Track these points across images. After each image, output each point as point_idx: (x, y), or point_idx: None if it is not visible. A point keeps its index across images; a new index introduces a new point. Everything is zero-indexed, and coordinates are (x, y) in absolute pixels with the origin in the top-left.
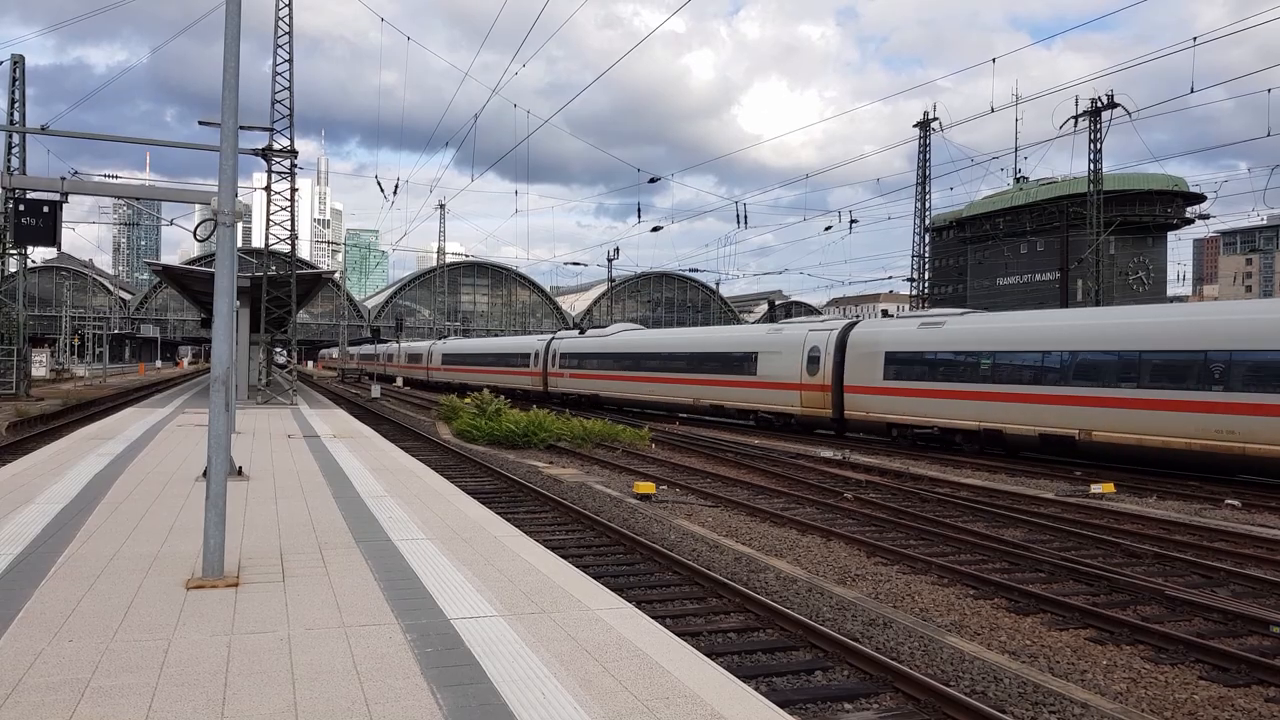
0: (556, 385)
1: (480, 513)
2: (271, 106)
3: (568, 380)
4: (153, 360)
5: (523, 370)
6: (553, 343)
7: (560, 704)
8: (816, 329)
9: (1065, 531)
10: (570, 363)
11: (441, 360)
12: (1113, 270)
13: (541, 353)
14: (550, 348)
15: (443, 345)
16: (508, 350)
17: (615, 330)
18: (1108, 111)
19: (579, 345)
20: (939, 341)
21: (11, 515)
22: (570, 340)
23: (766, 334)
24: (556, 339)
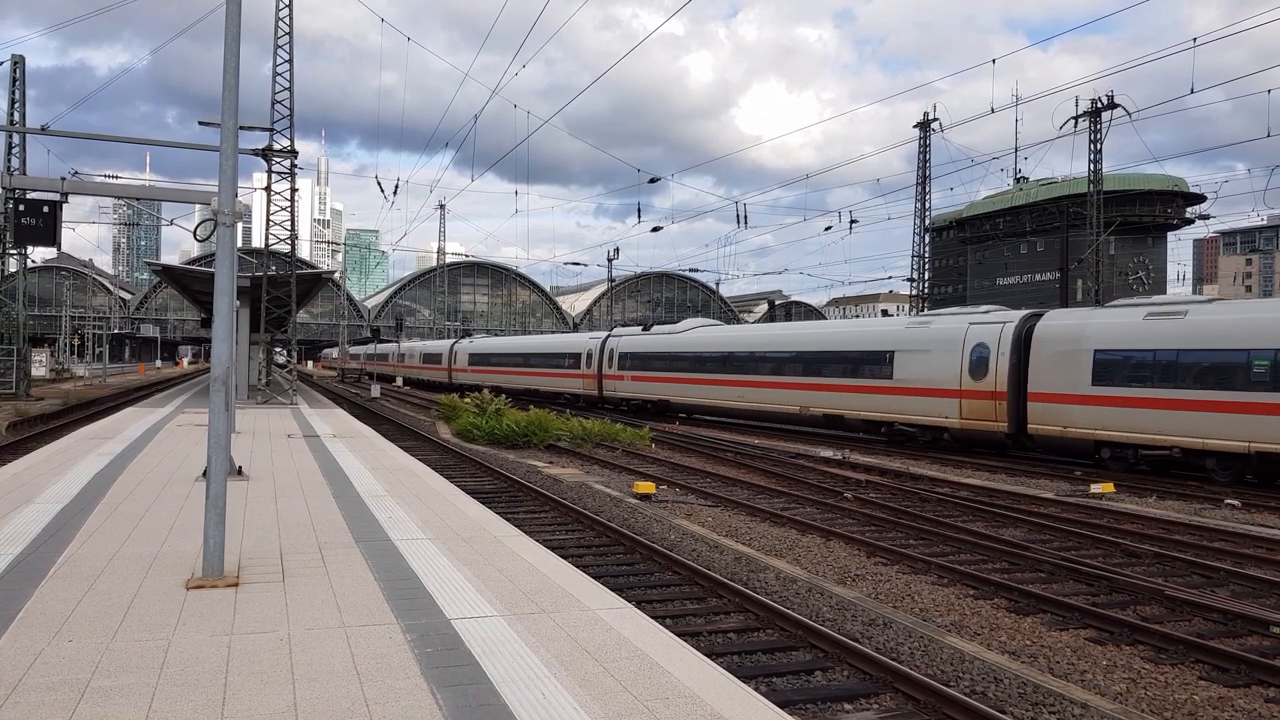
0: (614, 389)
1: (480, 512)
2: (271, 107)
3: (629, 384)
4: (153, 360)
5: (571, 372)
6: (609, 341)
7: (560, 704)
8: (981, 321)
9: (1065, 531)
10: (632, 363)
11: (468, 361)
12: (1113, 270)
13: (595, 352)
14: (606, 347)
15: (469, 344)
16: (552, 349)
17: (690, 326)
18: (1108, 112)
19: (644, 344)
20: (1178, 336)
21: (11, 515)
22: (633, 338)
23: (906, 329)
24: (614, 336)
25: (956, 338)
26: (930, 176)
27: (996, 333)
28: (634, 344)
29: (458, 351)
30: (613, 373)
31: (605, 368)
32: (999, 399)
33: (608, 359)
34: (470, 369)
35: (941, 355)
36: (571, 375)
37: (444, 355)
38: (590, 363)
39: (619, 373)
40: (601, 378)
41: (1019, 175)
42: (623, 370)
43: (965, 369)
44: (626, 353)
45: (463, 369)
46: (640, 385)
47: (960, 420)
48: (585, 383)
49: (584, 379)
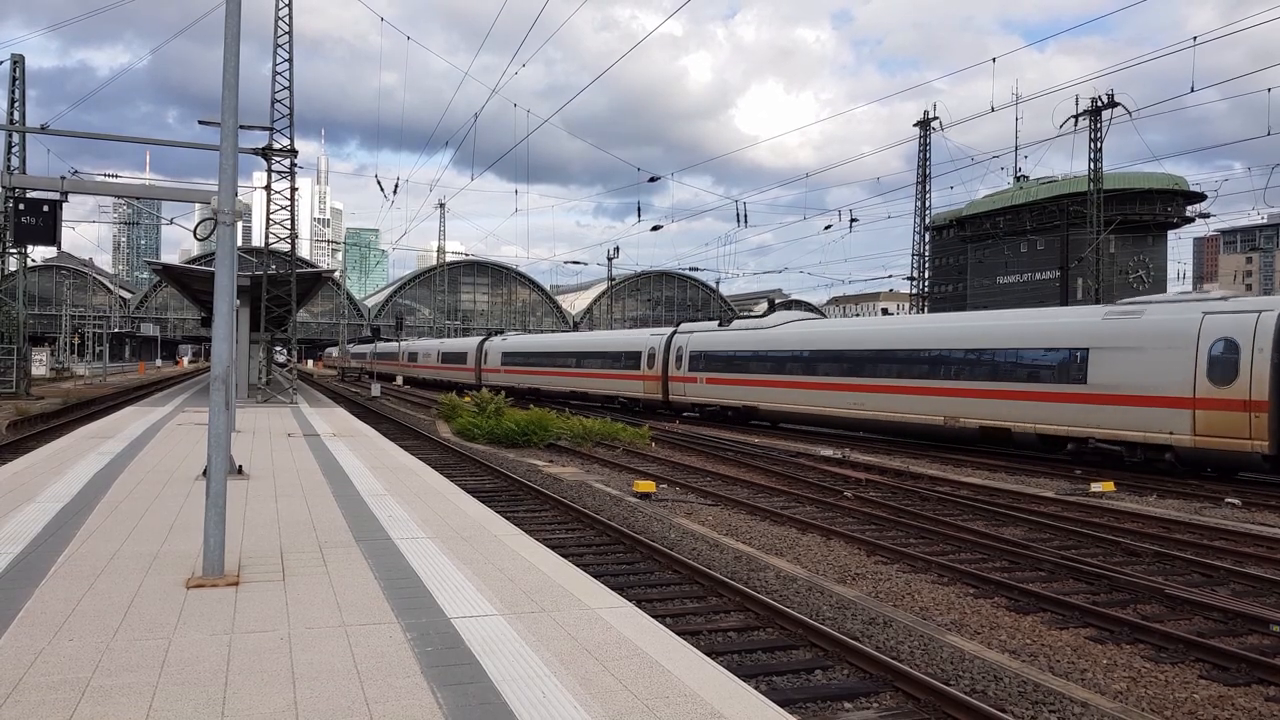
0: (683, 393)
1: (480, 511)
2: (271, 106)
3: (702, 387)
4: (153, 359)
5: (629, 374)
6: (676, 338)
7: (560, 703)
8: (1223, 310)
9: (1065, 530)
10: (708, 364)
11: (501, 360)
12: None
13: (658, 351)
14: (673, 345)
15: (501, 342)
16: (605, 348)
17: (783, 320)
18: (1108, 111)
19: (723, 341)
20: None
21: (11, 514)
22: (707, 334)
23: (1104, 320)
24: (682, 333)
25: (1186, 331)
26: (930, 175)
27: (1250, 324)
28: (709, 341)
29: (488, 350)
30: (682, 374)
31: (672, 368)
32: (1256, 410)
33: (674, 358)
34: (503, 369)
35: (1162, 354)
36: (629, 377)
37: (470, 354)
38: (653, 363)
39: (689, 374)
40: (667, 380)
41: (1019, 174)
42: (694, 371)
43: (1201, 371)
44: (700, 351)
45: (494, 369)
46: (718, 389)
47: (1193, 437)
48: (647, 385)
49: (645, 381)
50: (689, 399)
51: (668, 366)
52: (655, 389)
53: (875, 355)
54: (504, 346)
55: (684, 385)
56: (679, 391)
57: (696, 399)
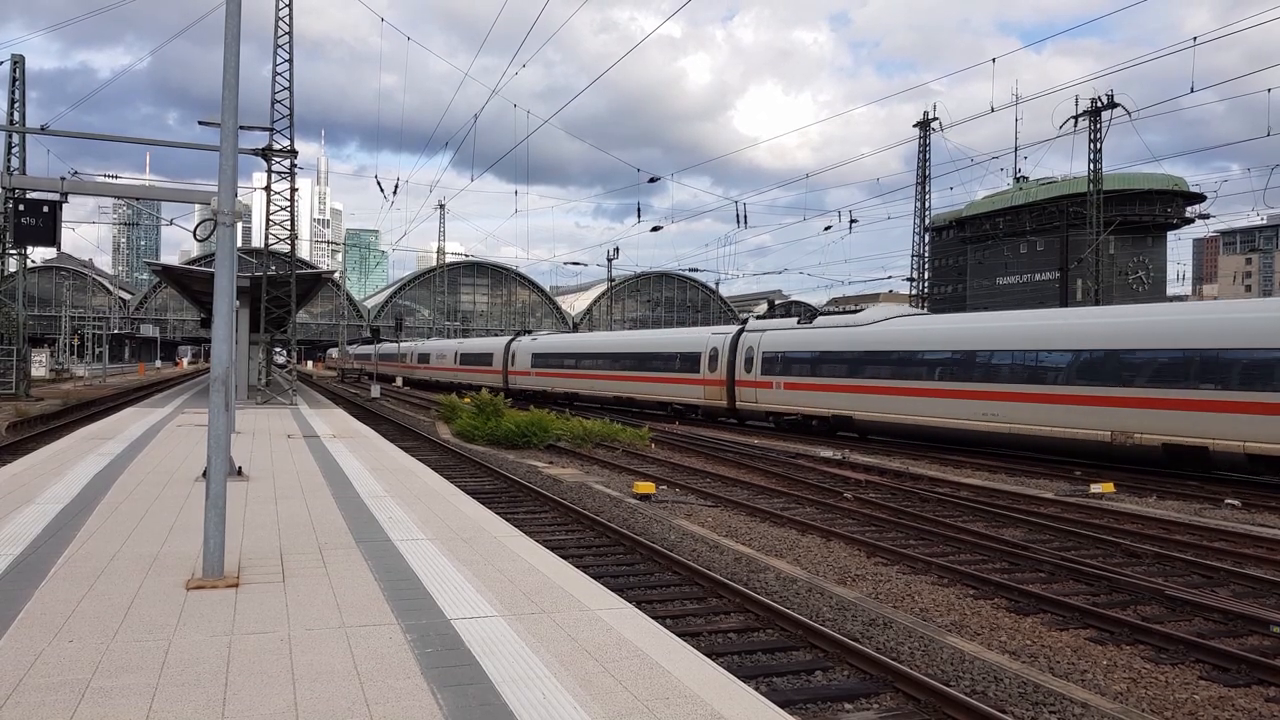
0: (754, 400)
1: (480, 513)
2: (271, 107)
3: (779, 394)
4: (152, 360)
5: (686, 377)
6: (745, 337)
7: (560, 704)
8: None
9: (1065, 531)
10: (785, 366)
11: (531, 362)
12: (1112, 270)
13: (723, 351)
14: (741, 345)
15: (531, 342)
16: (657, 348)
17: (881, 316)
18: (1107, 111)
19: (805, 341)
20: None
21: (11, 515)
22: (784, 333)
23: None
24: (752, 331)
25: None
26: (930, 176)
27: None
28: (788, 341)
29: (516, 351)
30: (752, 378)
31: (739, 371)
32: None
33: (743, 360)
34: (534, 372)
35: None
36: (686, 381)
37: (496, 356)
38: (715, 365)
39: (763, 378)
40: (735, 384)
41: (1019, 175)
42: (768, 375)
43: None
44: (776, 353)
45: (523, 372)
46: (800, 396)
47: None
48: (708, 391)
49: (706, 386)
50: (761, 406)
51: (734, 369)
52: (718, 395)
53: (1018, 356)
54: (535, 347)
55: (755, 391)
56: (748, 398)
57: (771, 406)
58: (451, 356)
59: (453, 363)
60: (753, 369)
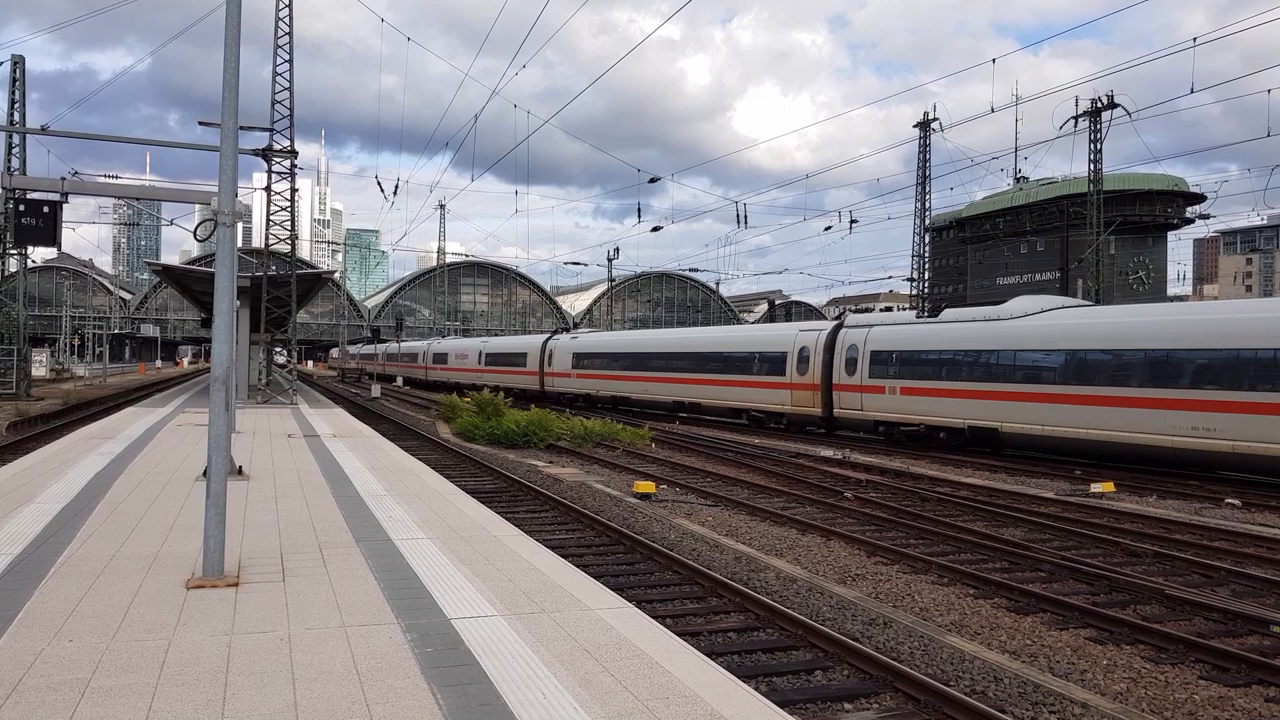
0: (861, 406)
1: (480, 512)
2: (271, 107)
3: (896, 400)
4: (153, 360)
5: (769, 380)
6: (845, 334)
7: (560, 704)
8: None
9: (1065, 531)
10: (907, 369)
11: (572, 363)
12: (1113, 270)
13: (815, 350)
14: (841, 343)
15: (572, 341)
16: (730, 347)
17: (1037, 308)
18: (1108, 112)
19: (937, 338)
20: None
21: (11, 515)
22: (905, 329)
23: None
24: (854, 328)
25: None
26: (930, 176)
27: None
28: (905, 338)
29: (554, 350)
30: (855, 382)
31: (839, 373)
32: None
33: (842, 361)
34: (575, 374)
35: None
36: (768, 385)
37: (531, 355)
38: (805, 366)
39: (871, 382)
40: (833, 389)
41: (1019, 175)
42: (879, 378)
43: None
44: (888, 351)
45: (561, 373)
46: (924, 403)
47: None
48: (796, 396)
49: (794, 390)
50: (868, 414)
51: (831, 371)
52: (808, 400)
53: (1247, 355)
54: (576, 346)
55: (860, 396)
56: (849, 404)
57: (883, 414)
58: (475, 356)
59: (477, 363)
60: (856, 371)
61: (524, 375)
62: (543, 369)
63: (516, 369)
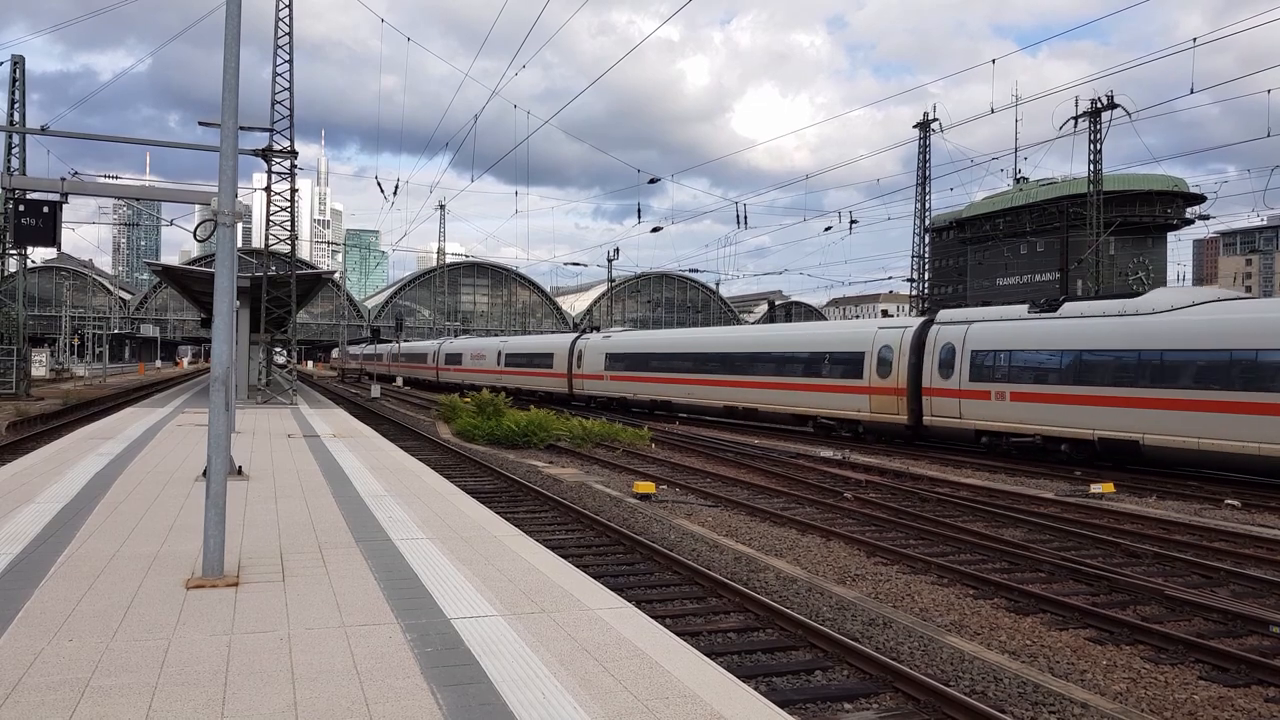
0: (957, 413)
1: (480, 512)
2: (271, 107)
3: (1004, 407)
4: (153, 360)
5: (843, 384)
6: (938, 331)
7: (560, 704)
8: None
9: (1065, 531)
10: (1019, 371)
11: (605, 364)
12: (1113, 270)
13: (899, 349)
14: (934, 341)
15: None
16: (791, 347)
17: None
18: (1107, 112)
19: (1053, 335)
20: None
21: (11, 515)
22: (1010, 325)
23: None
24: (951, 324)
25: None
26: (930, 177)
27: None
28: (1015, 336)
29: (584, 350)
30: (952, 386)
31: (932, 376)
32: None
33: (935, 362)
34: (608, 375)
35: None
36: (842, 389)
37: (558, 356)
38: (887, 368)
39: (972, 386)
40: (922, 394)
41: (1019, 175)
42: (981, 381)
43: None
44: (994, 351)
45: (593, 375)
46: (1041, 411)
47: None
48: (878, 402)
49: (874, 395)
50: (969, 423)
51: (920, 373)
52: (892, 407)
53: None
54: (609, 346)
55: (958, 402)
56: (945, 411)
57: (988, 423)
58: (493, 357)
59: (495, 364)
60: (954, 373)
61: (550, 377)
62: (571, 370)
63: (541, 370)
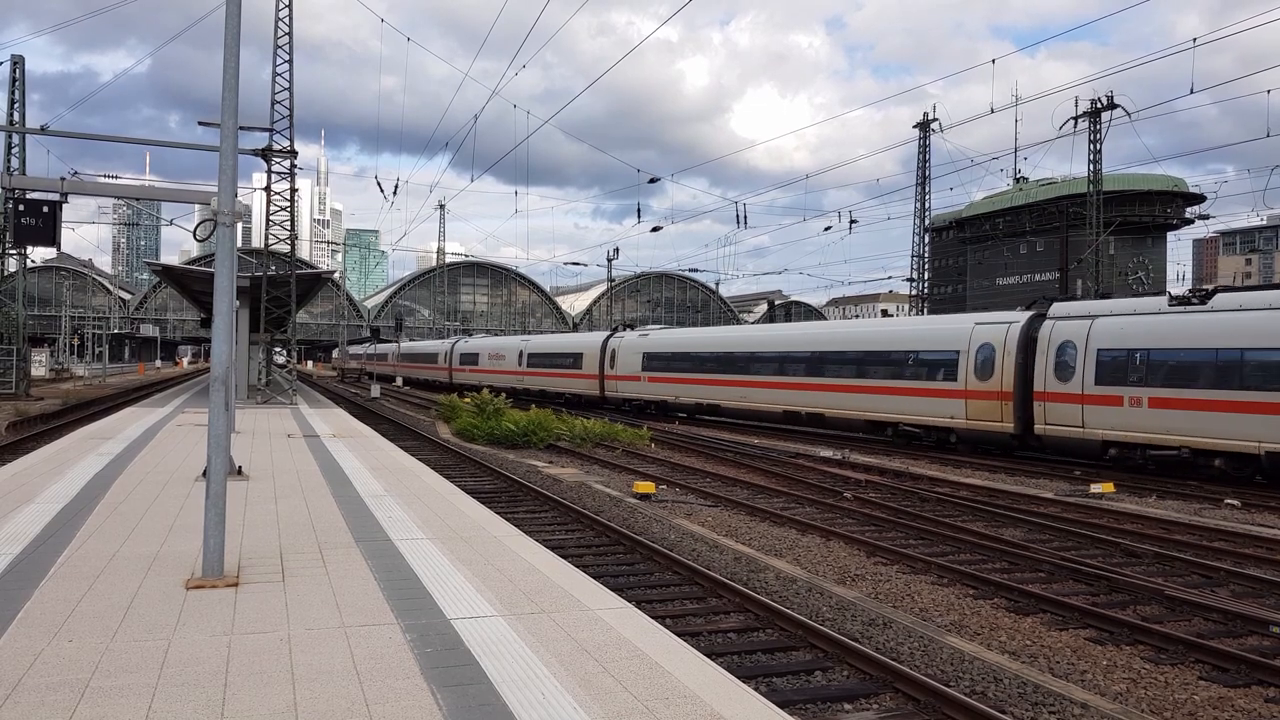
0: (1078, 421)
1: (480, 512)
2: (271, 107)
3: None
4: (152, 360)
5: (931, 387)
6: (1052, 327)
7: (560, 704)
8: None
9: (1065, 531)
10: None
11: (643, 364)
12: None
13: (1003, 348)
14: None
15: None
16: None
17: None
18: (1107, 112)
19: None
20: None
21: (11, 515)
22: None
23: None
24: (1069, 319)
25: None
26: (930, 177)
27: None
28: (1151, 331)
29: (618, 350)
30: (1071, 390)
31: (1046, 378)
32: None
33: (1050, 362)
34: (646, 377)
35: None
36: (931, 392)
37: (588, 356)
38: (988, 369)
39: (1098, 390)
40: (1033, 399)
41: (1018, 175)
42: (1111, 385)
43: None
44: (1128, 349)
45: (629, 376)
46: (1193, 420)
47: None
48: (976, 407)
49: (972, 400)
50: (1095, 433)
51: (1030, 375)
52: (994, 413)
53: None
54: (647, 345)
55: (1080, 409)
56: (1063, 419)
57: (1119, 433)
58: (514, 357)
59: (516, 365)
60: (1073, 375)
61: (579, 379)
62: (603, 371)
63: (569, 371)
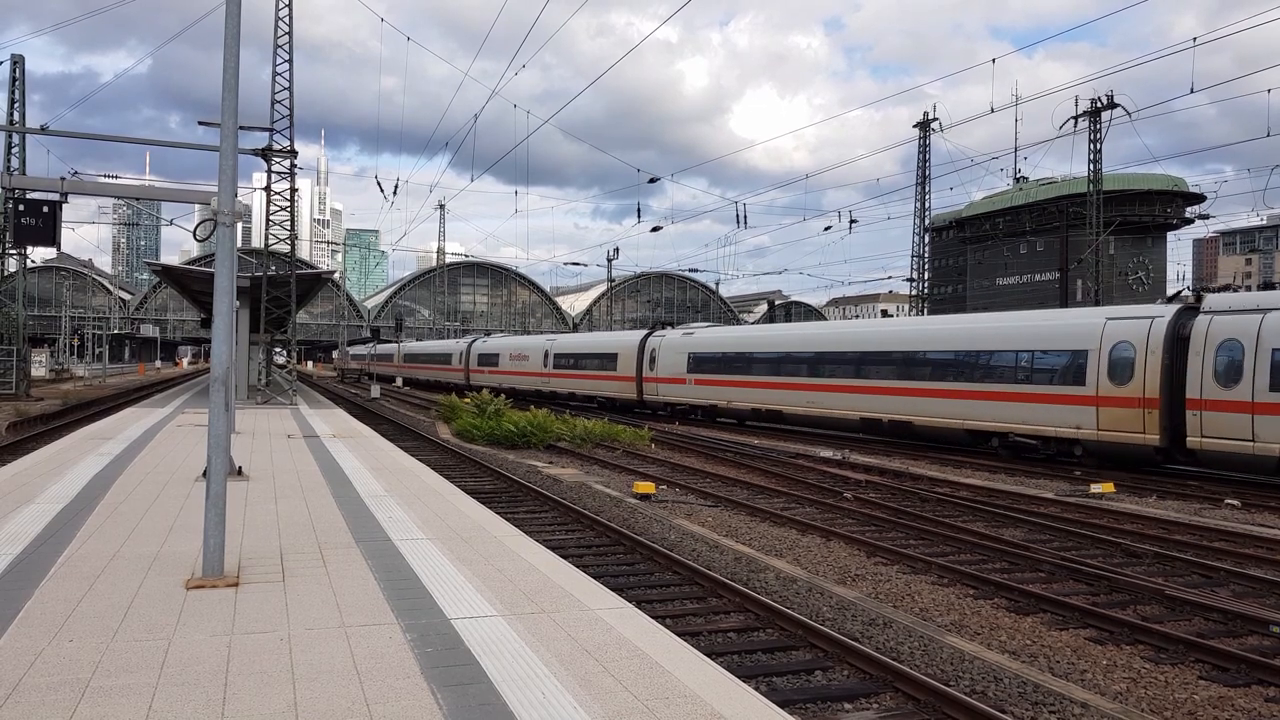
0: (1248, 433)
1: (480, 512)
2: (271, 107)
3: None
4: (152, 360)
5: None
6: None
7: (560, 704)
8: None
9: (1065, 531)
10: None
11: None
12: (1112, 270)
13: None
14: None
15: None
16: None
17: None
18: (1107, 112)
19: None
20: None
21: (11, 515)
22: None
23: None
24: (1229, 313)
25: None
26: (930, 176)
27: None
28: None
29: (658, 350)
30: (1234, 398)
31: (1203, 383)
32: None
33: (1209, 366)
34: (691, 379)
35: None
36: (1045, 398)
37: (624, 357)
38: (1123, 372)
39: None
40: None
41: (1018, 175)
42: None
43: None
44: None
45: (672, 379)
46: None
47: None
48: (1108, 416)
49: (1103, 407)
50: (1267, 446)
51: (1179, 379)
52: (1128, 421)
53: None
54: (692, 345)
55: (1251, 420)
56: (1227, 430)
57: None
58: (538, 357)
59: (541, 366)
60: (1240, 379)
61: (613, 381)
62: (641, 373)
63: (601, 374)
